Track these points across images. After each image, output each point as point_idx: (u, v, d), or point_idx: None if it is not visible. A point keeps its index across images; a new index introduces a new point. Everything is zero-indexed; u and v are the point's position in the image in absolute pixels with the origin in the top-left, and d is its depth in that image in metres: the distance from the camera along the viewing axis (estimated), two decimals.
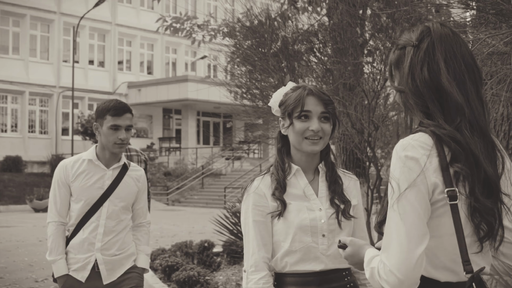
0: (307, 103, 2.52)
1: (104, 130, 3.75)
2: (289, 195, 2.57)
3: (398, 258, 1.72)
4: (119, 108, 3.78)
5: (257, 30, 6.84)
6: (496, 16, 3.49)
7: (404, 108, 1.90)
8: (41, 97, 31.35)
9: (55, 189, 3.84)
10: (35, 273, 9.47)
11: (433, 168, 1.75)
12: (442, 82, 1.80)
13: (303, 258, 2.52)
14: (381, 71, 6.36)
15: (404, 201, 1.73)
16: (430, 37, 1.86)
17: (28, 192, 24.10)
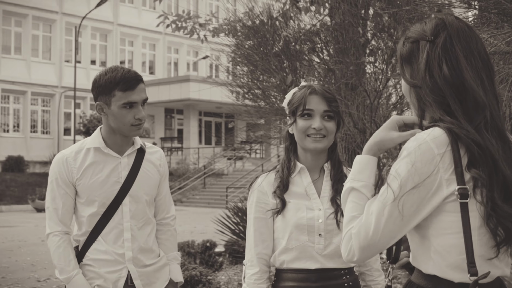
0: (310, 101, 2.55)
1: (115, 110, 2.85)
2: (291, 193, 2.60)
3: (366, 247, 1.70)
4: (131, 79, 2.86)
5: (258, 30, 6.84)
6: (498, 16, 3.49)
7: (418, 103, 1.78)
8: (43, 97, 31.37)
9: (54, 191, 2.96)
10: (37, 273, 9.48)
11: (445, 166, 1.66)
12: (466, 80, 1.70)
13: (298, 256, 2.55)
14: (383, 71, 6.36)
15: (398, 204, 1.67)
16: (446, 31, 1.75)
17: (30, 192, 24.12)
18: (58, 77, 31.56)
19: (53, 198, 2.97)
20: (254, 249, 2.62)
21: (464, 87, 1.70)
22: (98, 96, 2.90)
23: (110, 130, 2.96)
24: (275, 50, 6.68)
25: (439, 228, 1.71)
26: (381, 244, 1.71)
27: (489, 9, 3.52)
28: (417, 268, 1.82)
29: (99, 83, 2.88)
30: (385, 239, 1.70)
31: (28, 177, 26.97)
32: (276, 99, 6.98)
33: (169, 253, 3.18)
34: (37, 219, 19.07)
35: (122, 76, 2.85)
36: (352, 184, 1.81)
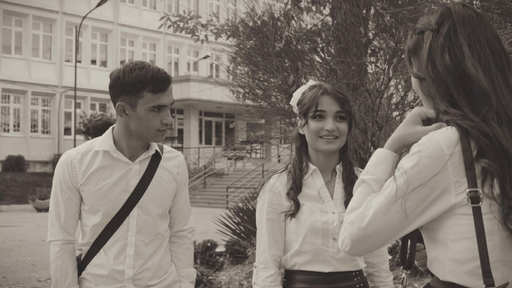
0: (322, 102, 2.51)
1: (141, 112, 2.53)
2: (304, 195, 2.56)
3: (358, 240, 1.66)
4: (163, 79, 2.54)
5: (260, 30, 6.84)
6: (501, 16, 3.48)
7: (425, 97, 1.73)
8: (43, 96, 31.36)
9: (57, 194, 2.68)
10: (38, 273, 9.48)
11: (455, 166, 1.59)
12: (467, 68, 1.63)
13: (312, 259, 2.53)
14: (384, 71, 6.35)
15: (401, 202, 1.62)
16: (451, 19, 1.69)
17: (31, 191, 24.12)
18: (58, 76, 31.54)
19: (56, 202, 2.69)
20: (269, 251, 2.58)
21: (468, 76, 1.64)
22: (120, 95, 2.55)
23: (127, 132, 2.62)
24: (277, 50, 6.67)
25: (455, 232, 1.63)
26: (376, 239, 1.66)
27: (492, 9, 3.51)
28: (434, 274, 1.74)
29: (124, 80, 2.52)
30: (382, 235, 1.65)
31: (29, 176, 26.96)
32: (278, 99, 6.97)
33: (183, 269, 2.84)
34: (37, 219, 19.07)
35: (153, 76, 2.52)
36: (364, 176, 1.77)
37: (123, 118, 2.59)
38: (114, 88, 2.57)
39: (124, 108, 2.56)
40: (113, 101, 2.60)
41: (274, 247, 2.58)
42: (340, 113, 2.52)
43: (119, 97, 2.56)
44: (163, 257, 2.74)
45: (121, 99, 2.55)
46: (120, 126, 2.64)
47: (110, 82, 2.59)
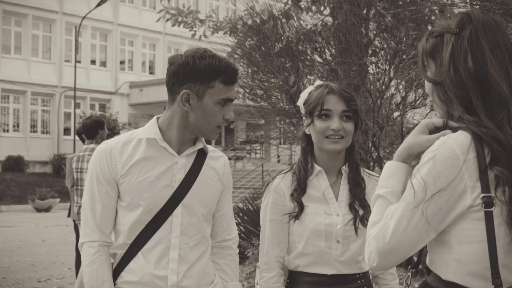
0: (327, 101, 2.49)
1: (208, 104, 2.30)
2: (308, 196, 2.54)
3: (385, 252, 1.65)
4: (235, 71, 2.35)
5: (260, 29, 6.83)
6: (503, 16, 3.47)
7: (439, 101, 1.74)
8: (43, 97, 31.34)
9: (93, 188, 2.38)
10: (38, 273, 9.46)
11: (470, 172, 1.61)
12: (490, 73, 1.65)
13: (315, 261, 2.51)
14: (385, 71, 6.35)
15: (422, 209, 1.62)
16: (471, 24, 1.70)
17: (30, 192, 24.09)
18: (58, 77, 31.52)
19: (91, 197, 2.38)
20: (272, 252, 2.57)
21: (488, 81, 1.65)
22: (186, 83, 2.30)
23: (181, 124, 2.36)
24: (277, 50, 6.66)
25: (462, 235, 1.66)
26: (403, 249, 1.66)
27: (494, 9, 3.50)
28: (434, 272, 1.77)
29: (195, 67, 2.28)
30: (407, 245, 1.65)
31: (28, 177, 26.94)
32: (278, 99, 6.96)
33: (228, 282, 2.57)
34: (37, 219, 19.05)
35: (227, 66, 2.30)
36: (379, 191, 1.77)
37: (180, 108, 2.33)
38: (179, 74, 2.30)
39: (189, 98, 2.30)
40: (173, 88, 2.34)
41: (277, 248, 2.57)
42: (346, 112, 2.49)
43: (185, 84, 2.30)
44: (207, 263, 2.49)
45: (187, 87, 2.29)
46: (172, 116, 2.37)
47: (174, 68, 2.32)
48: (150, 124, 2.42)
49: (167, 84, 2.36)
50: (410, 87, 6.33)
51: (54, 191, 23.72)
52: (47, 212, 22.24)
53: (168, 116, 2.39)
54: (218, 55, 2.33)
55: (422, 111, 6.94)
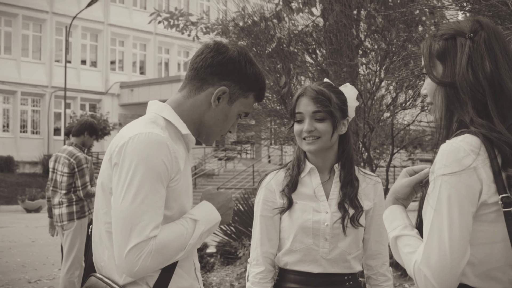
0: (299, 104, 2.53)
1: (234, 111, 2.12)
2: (299, 193, 2.56)
3: (439, 270, 1.61)
4: (265, 90, 2.23)
5: (251, 30, 6.84)
6: (493, 18, 3.50)
7: (447, 102, 1.75)
8: (33, 97, 31.23)
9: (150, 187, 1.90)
10: (28, 274, 9.43)
11: (486, 174, 1.63)
12: (503, 79, 1.69)
13: (302, 259, 2.53)
14: (376, 72, 6.37)
15: (454, 203, 1.61)
16: (483, 30, 1.74)
17: (20, 192, 24.00)
18: (48, 77, 31.42)
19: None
20: (260, 247, 2.59)
21: (500, 86, 1.69)
22: (228, 79, 2.08)
23: (197, 119, 2.12)
24: (268, 51, 6.67)
25: (474, 237, 1.66)
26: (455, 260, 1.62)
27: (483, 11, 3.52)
28: None
29: (243, 70, 2.09)
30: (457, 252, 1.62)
31: (18, 177, 26.83)
32: (269, 100, 6.97)
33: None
34: (27, 220, 18.98)
35: (264, 82, 2.17)
36: (392, 234, 1.79)
37: (207, 101, 2.09)
38: (226, 68, 2.08)
39: (222, 95, 2.08)
40: (208, 78, 2.08)
41: (267, 244, 2.59)
42: (317, 113, 2.49)
43: (225, 81, 2.08)
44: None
45: (226, 84, 2.07)
46: (193, 107, 2.10)
47: (222, 58, 2.08)
48: (172, 116, 2.08)
49: (201, 69, 2.07)
50: (401, 88, 6.36)
51: (44, 191, 23.61)
52: (37, 213, 22.15)
53: (189, 107, 2.10)
54: (258, 69, 2.15)
55: (413, 112, 6.97)
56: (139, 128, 1.98)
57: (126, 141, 1.95)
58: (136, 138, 1.93)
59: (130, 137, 1.95)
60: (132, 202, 1.89)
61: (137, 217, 1.88)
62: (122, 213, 1.90)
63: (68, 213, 6.47)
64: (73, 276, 6.45)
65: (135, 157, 1.91)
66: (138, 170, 1.90)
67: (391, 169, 6.98)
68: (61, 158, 6.58)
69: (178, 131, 2.07)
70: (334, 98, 2.51)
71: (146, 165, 1.90)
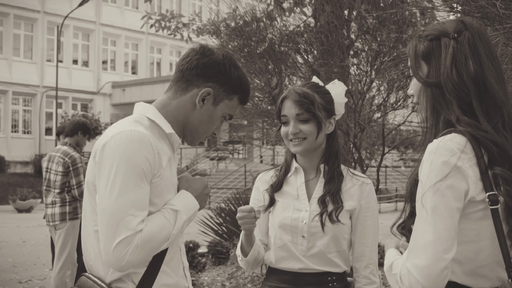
0: (283, 107, 2.58)
1: (218, 113, 2.17)
2: (283, 192, 2.64)
3: (424, 265, 1.62)
4: (249, 94, 2.28)
5: (242, 31, 6.84)
6: (482, 20, 3.52)
7: (433, 102, 1.77)
8: (24, 96, 31.12)
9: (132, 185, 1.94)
10: (19, 274, 9.40)
11: (472, 172, 1.65)
12: (487, 78, 1.71)
13: (283, 256, 2.59)
14: (367, 73, 6.39)
15: (438, 197, 1.63)
16: (467, 31, 1.75)
17: (11, 192, 23.91)
18: (39, 76, 31.33)
19: (129, 192, 1.94)
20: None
21: (485, 86, 1.71)
22: (211, 82, 2.13)
23: (178, 120, 2.15)
24: (260, 52, 6.68)
25: (462, 236, 1.68)
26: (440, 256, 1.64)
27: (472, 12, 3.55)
28: None
29: (229, 73, 2.15)
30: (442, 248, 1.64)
31: (9, 177, 26.72)
32: (261, 100, 6.98)
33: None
34: (18, 220, 18.91)
35: (248, 86, 2.23)
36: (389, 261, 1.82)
37: (192, 102, 2.13)
38: (211, 70, 2.13)
39: (205, 96, 2.12)
40: (193, 79, 2.13)
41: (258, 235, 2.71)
42: (301, 115, 2.53)
43: (210, 82, 2.12)
44: None
45: (210, 86, 2.12)
46: (178, 108, 2.15)
47: (207, 60, 2.13)
48: (156, 116, 2.12)
49: (186, 71, 2.12)
50: (391, 88, 6.38)
51: (36, 191, 23.55)
52: (28, 213, 22.08)
53: (174, 108, 2.14)
54: (242, 73, 2.22)
55: (403, 112, 6.99)
56: (122, 127, 2.02)
57: (108, 140, 1.99)
58: (118, 136, 1.97)
59: (112, 136, 1.99)
60: (117, 198, 1.92)
61: (122, 212, 1.91)
62: (107, 209, 1.92)
63: (60, 213, 6.46)
64: (64, 276, 6.44)
65: (117, 154, 1.94)
66: (121, 167, 1.93)
67: (383, 169, 7.00)
68: (55, 158, 6.58)
69: (162, 131, 2.10)
70: (318, 99, 2.54)
71: (129, 162, 1.93)
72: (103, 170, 1.96)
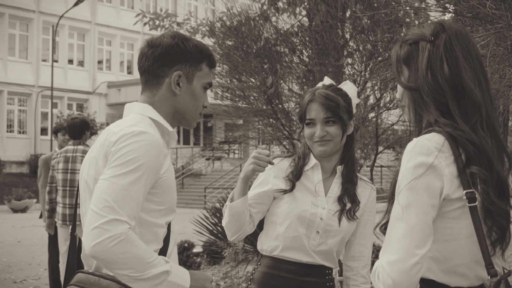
0: (310, 109, 2.61)
1: (197, 87, 2.20)
2: (301, 184, 2.67)
3: (395, 260, 1.65)
4: (214, 56, 2.30)
5: (239, 30, 6.85)
6: (473, 20, 3.54)
7: (414, 105, 1.80)
8: (19, 96, 31.06)
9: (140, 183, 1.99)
10: (13, 274, 9.40)
11: (448, 170, 1.67)
12: (464, 80, 1.73)
13: (292, 246, 2.62)
14: (361, 73, 6.41)
15: (412, 194, 1.66)
16: (445, 33, 1.78)
17: (7, 192, 23.88)
18: (35, 76, 31.27)
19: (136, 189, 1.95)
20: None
21: (462, 87, 1.73)
22: (176, 65, 2.15)
23: (170, 112, 2.19)
24: (255, 51, 6.69)
25: (440, 234, 1.71)
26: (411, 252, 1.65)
27: (464, 13, 3.57)
28: None
29: (185, 48, 2.15)
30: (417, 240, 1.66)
31: (4, 177, 26.68)
32: (256, 100, 6.99)
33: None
34: (13, 220, 18.89)
35: (209, 49, 2.22)
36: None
37: (170, 92, 2.16)
38: (169, 56, 2.14)
39: (178, 79, 2.15)
40: (158, 72, 2.16)
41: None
42: (328, 119, 2.58)
43: (174, 66, 2.15)
44: None
45: (177, 68, 2.15)
46: (159, 102, 2.18)
47: (160, 49, 2.15)
48: (157, 115, 2.15)
49: (148, 68, 2.16)
50: (385, 88, 6.40)
51: (31, 191, 23.52)
52: (24, 213, 22.06)
53: (158, 103, 2.17)
54: (197, 40, 2.24)
55: (398, 112, 7.01)
56: (136, 127, 2.03)
57: (124, 134, 1.99)
58: (142, 136, 1.99)
59: (125, 134, 2.00)
60: (124, 188, 1.92)
61: (122, 200, 1.90)
62: (109, 190, 1.91)
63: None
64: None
65: (141, 153, 1.97)
66: (140, 167, 1.95)
67: (378, 169, 7.02)
68: (76, 158, 6.53)
69: (165, 129, 2.15)
70: (342, 102, 2.61)
71: (147, 164, 1.96)
72: (120, 158, 1.96)
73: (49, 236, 7.26)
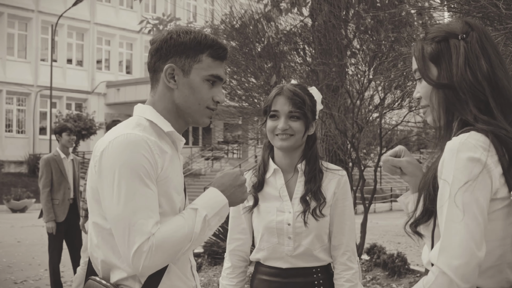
0: (275, 103, 2.65)
1: (195, 80, 2.05)
2: (265, 193, 2.70)
3: (460, 264, 1.59)
4: (222, 46, 2.11)
5: (242, 31, 6.84)
6: (482, 19, 3.51)
7: (446, 103, 1.76)
8: (18, 96, 31.02)
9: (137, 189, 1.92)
10: (14, 275, 9.36)
11: (496, 170, 1.64)
12: (498, 77, 1.72)
13: (270, 256, 2.67)
14: (364, 73, 6.39)
15: (469, 195, 1.61)
16: (474, 31, 1.76)
17: (5, 192, 23.84)
18: (34, 76, 31.23)
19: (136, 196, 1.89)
20: (228, 246, 2.80)
21: (497, 84, 1.72)
22: (170, 58, 2.05)
23: (172, 109, 2.09)
24: (259, 51, 6.68)
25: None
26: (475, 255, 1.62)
27: (473, 12, 3.54)
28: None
29: (179, 40, 2.04)
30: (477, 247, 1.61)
31: (3, 177, 26.64)
32: (259, 100, 6.98)
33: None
34: (12, 220, 18.85)
35: (214, 40, 2.08)
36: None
37: (166, 87, 2.07)
38: (162, 50, 2.06)
39: (173, 73, 2.05)
40: (155, 67, 2.09)
41: (234, 243, 2.78)
42: (292, 113, 2.61)
43: (169, 60, 2.05)
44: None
45: (171, 61, 2.05)
46: (159, 100, 2.09)
47: (156, 45, 2.09)
48: (155, 114, 2.08)
49: (149, 65, 2.11)
50: (389, 88, 6.38)
51: (30, 191, 23.48)
52: (23, 213, 22.01)
53: (159, 101, 2.10)
54: (204, 32, 2.12)
55: (400, 112, 6.99)
56: (119, 132, 1.98)
57: (106, 146, 1.94)
58: (115, 142, 1.93)
59: (110, 141, 1.95)
60: (125, 205, 1.87)
61: (133, 218, 1.86)
62: (118, 218, 1.88)
63: None
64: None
65: (116, 160, 1.90)
66: (122, 172, 1.88)
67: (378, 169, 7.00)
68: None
69: (161, 129, 2.06)
70: (308, 100, 2.65)
71: (129, 165, 1.89)
72: (105, 179, 1.92)
73: (49, 237, 7.24)
